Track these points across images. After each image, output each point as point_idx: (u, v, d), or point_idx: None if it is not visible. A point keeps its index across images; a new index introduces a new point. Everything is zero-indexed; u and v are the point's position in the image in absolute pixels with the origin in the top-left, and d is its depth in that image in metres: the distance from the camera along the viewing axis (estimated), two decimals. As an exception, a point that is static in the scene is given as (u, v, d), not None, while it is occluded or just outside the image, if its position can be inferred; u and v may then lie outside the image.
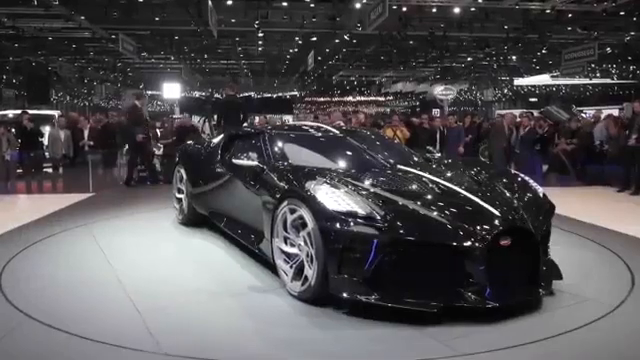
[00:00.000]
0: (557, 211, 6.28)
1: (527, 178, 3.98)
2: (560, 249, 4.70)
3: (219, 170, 5.00)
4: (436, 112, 19.34)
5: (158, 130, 13.38)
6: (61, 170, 10.76)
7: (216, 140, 5.57)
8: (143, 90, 26.10)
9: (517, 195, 3.63)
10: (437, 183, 3.66)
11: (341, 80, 34.08)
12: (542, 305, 3.26)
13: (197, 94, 32.85)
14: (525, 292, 3.23)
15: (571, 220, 5.94)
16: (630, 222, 5.93)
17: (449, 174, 3.98)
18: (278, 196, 3.70)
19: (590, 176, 9.68)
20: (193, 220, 5.57)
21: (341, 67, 27.40)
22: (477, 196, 3.44)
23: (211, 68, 29.26)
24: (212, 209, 5.18)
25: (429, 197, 3.42)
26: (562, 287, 3.53)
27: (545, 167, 10.68)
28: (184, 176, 5.67)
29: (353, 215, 3.13)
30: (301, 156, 4.37)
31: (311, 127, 5.20)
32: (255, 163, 4.31)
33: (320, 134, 4.89)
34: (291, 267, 3.53)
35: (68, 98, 31.37)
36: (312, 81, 34.49)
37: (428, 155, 4.90)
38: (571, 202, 7.38)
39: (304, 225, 3.36)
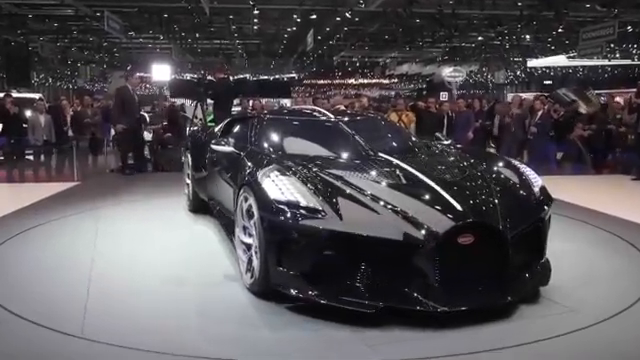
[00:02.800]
0: (573, 201, 6.36)
1: (526, 170, 3.87)
2: (576, 240, 4.76)
3: (211, 156, 5.16)
4: (444, 95, 19.29)
5: (147, 115, 13.37)
6: (43, 157, 10.74)
7: (219, 125, 5.78)
8: (133, 71, 26.00)
9: (503, 189, 3.50)
10: (409, 174, 3.58)
11: (342, 61, 33.89)
12: (535, 311, 3.15)
13: (188, 76, 32.70)
14: (489, 297, 3.08)
15: (589, 211, 5.95)
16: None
17: (431, 164, 3.92)
18: (240, 183, 3.77)
19: (608, 163, 9.67)
20: (198, 206, 5.77)
21: (342, 47, 27.24)
22: (447, 190, 3.32)
23: (203, 48, 29.09)
24: (208, 195, 5.34)
25: (390, 189, 3.36)
26: (569, 283, 3.54)
27: (560, 154, 10.68)
28: (190, 162, 5.90)
29: (294, 206, 3.13)
30: (284, 142, 4.46)
31: (304, 111, 5.27)
32: (231, 149, 4.48)
33: (311, 119, 4.93)
34: (246, 258, 3.57)
35: (50, 80, 31.22)
36: (311, 62, 34.30)
37: (433, 142, 4.86)
38: (587, 191, 7.38)
39: (254, 214, 3.41)
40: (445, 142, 4.88)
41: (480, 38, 24.35)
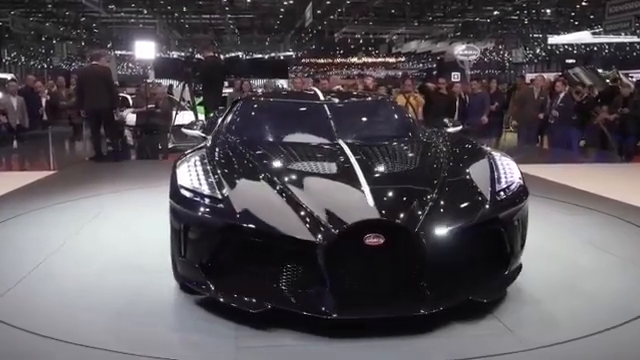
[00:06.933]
0: (595, 191, 6.33)
1: (503, 165, 3.69)
2: (591, 238, 4.68)
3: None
4: (456, 76, 19.24)
5: (130, 97, 13.36)
6: (15, 144, 10.73)
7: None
8: (111, 50, 25.94)
9: (453, 187, 3.39)
10: (346, 165, 3.53)
11: (344, 38, 33.84)
12: (463, 328, 3.01)
13: (175, 55, 32.69)
14: (394, 307, 2.96)
15: (616, 203, 5.93)
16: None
17: (388, 155, 3.87)
18: None
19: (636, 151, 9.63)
20: None
21: (344, 23, 27.16)
22: (375, 184, 3.25)
23: (191, 24, 29.05)
24: None
25: (312, 181, 3.38)
26: (540, 295, 3.44)
27: (583, 141, 10.67)
28: None
29: (197, 194, 3.28)
30: (250, 125, 4.59)
31: (296, 93, 5.41)
32: (198, 133, 4.73)
33: (293, 101, 5.06)
34: None
35: (23, 59, 31.15)
36: (310, 39, 34.26)
37: (434, 129, 4.76)
38: (616, 180, 7.35)
39: None
40: (450, 129, 4.75)
41: (496, 12, 24.28)
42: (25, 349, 2.84)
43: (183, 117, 10.16)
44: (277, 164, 3.64)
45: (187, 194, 3.30)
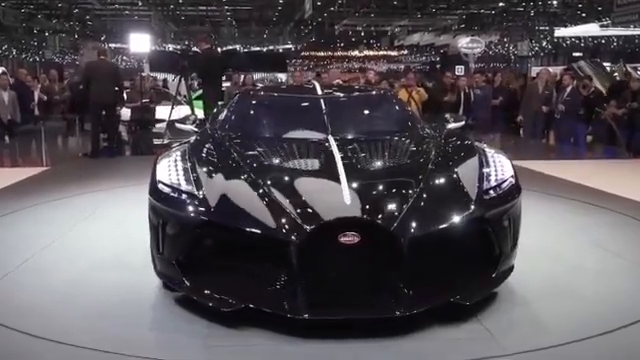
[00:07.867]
0: (605, 188, 6.32)
1: (495, 162, 3.63)
2: (602, 237, 4.68)
3: None
4: (460, 69, 19.24)
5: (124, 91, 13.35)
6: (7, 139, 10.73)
7: None
8: (105, 43, 25.93)
9: (436, 186, 3.36)
10: (330, 162, 3.51)
11: (345, 30, 33.75)
12: (443, 331, 2.96)
13: (171, 47, 32.66)
14: (369, 308, 2.94)
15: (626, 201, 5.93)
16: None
17: (375, 152, 3.86)
18: None
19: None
20: None
21: (345, 14, 27.10)
22: (355, 181, 3.24)
23: (187, 16, 28.97)
24: None
25: (293, 179, 3.38)
26: (535, 297, 3.39)
27: (590, 136, 10.66)
28: None
29: (175, 189, 3.33)
30: (242, 120, 4.63)
31: (290, 88, 5.41)
32: (190, 127, 4.77)
33: (289, 95, 5.08)
34: None
35: (14, 52, 31.10)
36: (310, 32, 34.19)
37: (433, 124, 4.69)
38: (622, 178, 7.35)
39: None
40: (451, 124, 4.67)
41: (501, 4, 24.23)
42: (3, 343, 2.87)
43: (179, 112, 10.15)
44: (259, 160, 3.64)
45: (165, 190, 3.35)
